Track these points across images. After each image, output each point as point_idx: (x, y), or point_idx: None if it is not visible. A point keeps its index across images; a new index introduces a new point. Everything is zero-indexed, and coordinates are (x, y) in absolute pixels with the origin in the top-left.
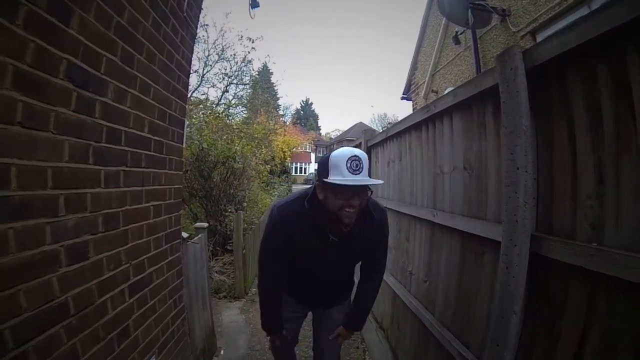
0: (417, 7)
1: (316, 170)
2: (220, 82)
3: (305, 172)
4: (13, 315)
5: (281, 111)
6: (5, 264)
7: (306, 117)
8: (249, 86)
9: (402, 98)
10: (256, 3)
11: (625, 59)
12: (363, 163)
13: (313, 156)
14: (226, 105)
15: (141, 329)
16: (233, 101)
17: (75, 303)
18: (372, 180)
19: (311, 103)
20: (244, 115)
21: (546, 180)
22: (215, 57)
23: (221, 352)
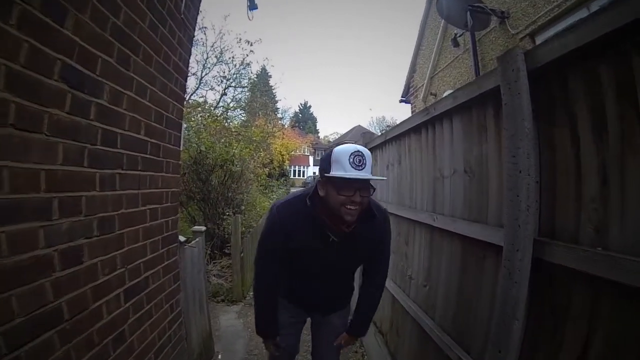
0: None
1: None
2: (218, 85)
3: (303, 175)
4: (5, 320)
5: (280, 114)
6: None
7: (305, 120)
8: (248, 89)
9: (401, 101)
10: (254, 5)
11: (629, 60)
12: (366, 159)
13: (311, 159)
14: (224, 108)
15: (137, 334)
16: (231, 104)
17: (69, 308)
18: (375, 176)
19: (310, 106)
20: (243, 118)
21: (548, 183)
22: (213, 60)
23: (219, 357)
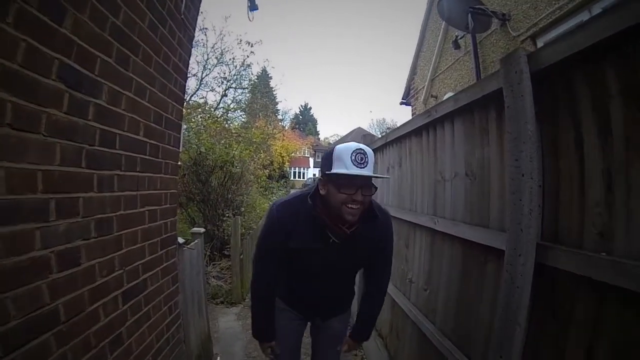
0: (417, 6)
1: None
2: (219, 86)
3: (303, 177)
4: (1, 322)
5: (280, 116)
6: None
7: (305, 122)
8: (248, 90)
9: (401, 103)
10: (255, 6)
11: (635, 62)
12: (368, 157)
13: (312, 161)
14: (225, 109)
15: (135, 337)
16: (232, 105)
17: (66, 310)
18: (378, 174)
19: (310, 108)
20: (243, 119)
21: (552, 187)
22: (214, 61)
23: (217, 359)
